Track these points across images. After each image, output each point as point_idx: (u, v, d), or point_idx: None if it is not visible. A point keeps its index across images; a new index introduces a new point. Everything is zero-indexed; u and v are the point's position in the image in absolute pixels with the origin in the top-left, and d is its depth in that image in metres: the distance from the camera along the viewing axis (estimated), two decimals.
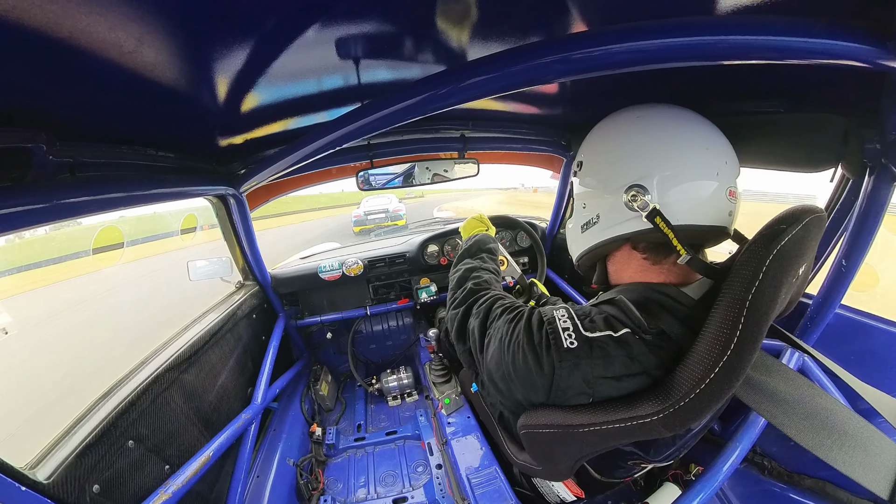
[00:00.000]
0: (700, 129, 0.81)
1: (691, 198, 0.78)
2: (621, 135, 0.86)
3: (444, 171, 1.92)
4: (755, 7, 0.67)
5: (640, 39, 0.61)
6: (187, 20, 0.58)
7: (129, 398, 1.07)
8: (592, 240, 0.91)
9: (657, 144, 0.80)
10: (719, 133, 0.82)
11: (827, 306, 1.08)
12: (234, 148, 1.40)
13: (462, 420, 1.74)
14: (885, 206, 0.85)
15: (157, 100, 0.83)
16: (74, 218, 0.85)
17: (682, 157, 0.78)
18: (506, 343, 0.84)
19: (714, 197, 0.78)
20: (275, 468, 1.64)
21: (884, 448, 0.66)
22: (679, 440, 0.90)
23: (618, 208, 0.82)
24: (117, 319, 7.65)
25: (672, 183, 0.77)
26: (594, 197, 0.89)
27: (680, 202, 0.77)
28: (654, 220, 0.77)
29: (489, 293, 1.05)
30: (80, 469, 0.89)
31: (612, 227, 0.85)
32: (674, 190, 0.77)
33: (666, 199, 0.77)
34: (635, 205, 0.78)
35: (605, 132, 0.90)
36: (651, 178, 0.78)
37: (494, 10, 0.73)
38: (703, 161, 0.78)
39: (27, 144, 0.71)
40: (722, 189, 0.78)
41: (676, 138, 0.79)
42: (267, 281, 2.08)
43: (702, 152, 0.78)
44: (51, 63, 0.59)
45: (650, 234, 0.79)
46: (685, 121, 0.81)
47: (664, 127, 0.81)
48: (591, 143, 0.93)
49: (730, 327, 0.61)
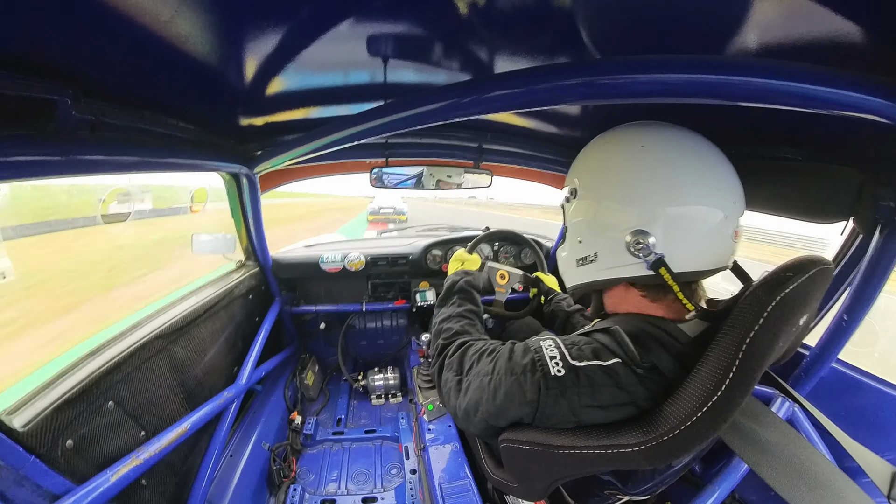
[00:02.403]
0: (710, 165, 0.76)
1: (696, 244, 0.75)
2: (625, 169, 0.79)
3: (456, 178, 1.94)
4: (782, 51, 0.68)
5: (666, 72, 0.61)
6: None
7: (116, 360, 1.08)
8: (588, 277, 0.87)
9: (665, 185, 0.74)
10: (729, 166, 0.78)
11: (823, 359, 1.07)
12: (254, 129, 1.42)
13: (443, 428, 1.72)
14: (892, 264, 0.84)
15: (185, 72, 0.85)
16: (87, 174, 0.86)
17: (691, 199, 0.74)
18: (487, 381, 0.84)
19: (719, 241, 0.76)
20: (249, 450, 1.64)
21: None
22: (658, 475, 0.89)
23: (618, 251, 0.78)
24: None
25: (678, 228, 0.74)
26: (592, 234, 0.84)
27: (684, 248, 0.74)
28: (657, 270, 0.74)
29: (459, 341, 1.03)
30: (56, 422, 0.89)
31: (610, 269, 0.82)
32: (679, 235, 0.74)
33: (670, 245, 0.74)
34: (638, 252, 0.74)
35: (605, 161, 0.84)
36: (656, 222, 0.74)
37: (526, 28, 0.74)
38: (713, 203, 0.75)
39: (53, 97, 0.72)
40: (728, 231, 0.76)
41: (686, 177, 0.74)
42: (268, 264, 2.08)
43: (713, 193, 0.75)
44: (87, 21, 0.60)
45: (651, 279, 0.77)
46: (695, 154, 0.77)
47: (672, 163, 0.75)
48: (588, 171, 0.87)
49: (723, 368, 0.61)
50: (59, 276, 7.69)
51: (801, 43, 0.66)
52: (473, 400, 0.86)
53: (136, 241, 11.03)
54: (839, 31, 0.61)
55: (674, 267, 0.74)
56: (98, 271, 8.34)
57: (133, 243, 10.90)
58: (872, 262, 0.87)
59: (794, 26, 0.63)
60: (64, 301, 6.34)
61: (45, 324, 5.45)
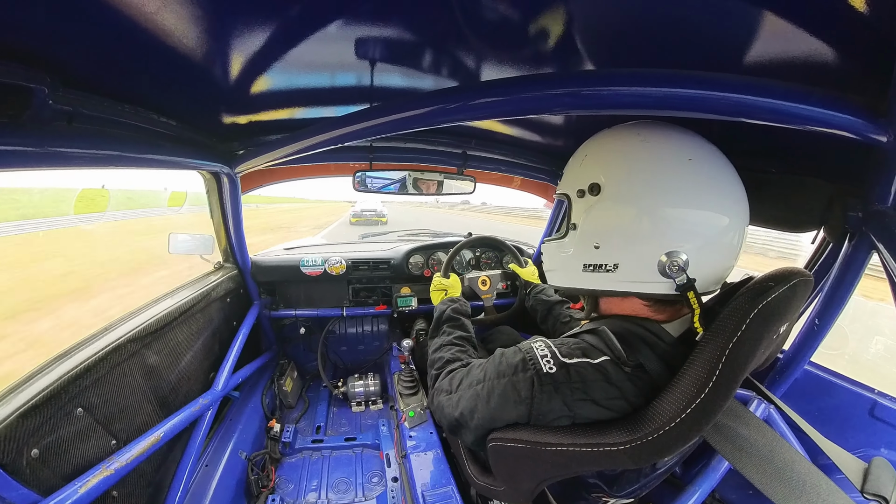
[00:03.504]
0: (739, 185, 0.76)
1: (719, 265, 0.76)
2: (671, 179, 0.73)
3: (439, 184, 1.94)
4: (759, 68, 0.71)
5: (647, 85, 0.63)
6: None
7: (86, 364, 1.03)
8: (596, 285, 0.83)
9: (711, 204, 0.72)
10: (743, 189, 0.78)
11: (797, 361, 1.11)
12: (237, 127, 1.39)
13: (424, 435, 1.71)
14: (861, 271, 0.88)
15: (169, 65, 0.83)
16: (63, 168, 0.82)
17: (727, 221, 0.74)
18: (480, 388, 0.86)
19: (731, 260, 0.78)
20: (226, 459, 1.58)
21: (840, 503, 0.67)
22: (644, 478, 0.90)
23: (646, 266, 0.74)
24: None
25: (711, 250, 0.74)
26: (618, 243, 0.78)
27: (710, 270, 0.75)
28: (685, 293, 0.71)
29: (449, 368, 1.06)
30: (21, 429, 0.84)
31: (630, 283, 0.78)
32: (709, 257, 0.74)
33: (699, 266, 0.72)
34: (672, 272, 0.71)
35: (646, 164, 0.75)
36: (693, 241, 0.72)
37: (513, 38, 0.75)
38: (741, 223, 0.76)
39: (30, 84, 0.69)
40: (739, 251, 0.79)
41: (728, 198, 0.73)
42: (247, 266, 2.04)
43: (742, 213, 0.76)
44: (71, 8, 0.58)
45: (669, 296, 0.76)
46: (733, 175, 0.76)
47: (717, 183, 0.73)
48: (624, 172, 0.77)
49: (707, 372, 0.63)
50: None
51: (777, 61, 0.69)
52: (468, 409, 0.87)
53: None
54: (814, 51, 0.64)
55: (697, 287, 0.72)
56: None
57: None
58: (842, 269, 0.91)
59: (772, 45, 0.67)
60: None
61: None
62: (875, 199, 0.78)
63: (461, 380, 0.95)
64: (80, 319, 5.98)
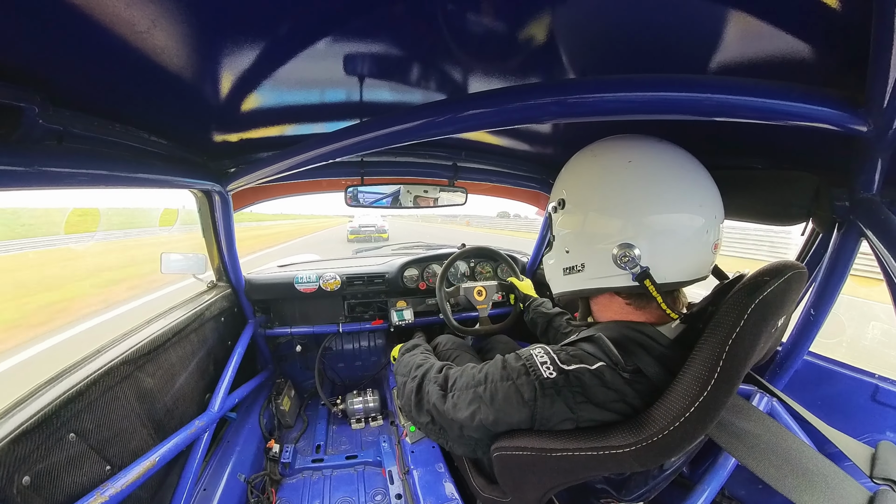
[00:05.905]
0: (693, 180, 0.80)
1: (679, 256, 0.78)
2: (612, 184, 0.81)
3: (431, 196, 1.95)
4: (741, 68, 0.73)
5: (631, 91, 0.65)
6: (204, 11, 0.59)
7: (78, 387, 1.00)
8: (575, 285, 0.90)
9: (651, 200, 0.77)
10: (710, 181, 0.82)
11: (795, 353, 1.12)
12: (228, 145, 1.39)
13: (427, 449, 1.68)
14: (851, 259, 0.89)
15: (160, 84, 0.83)
16: (53, 188, 0.82)
17: (676, 214, 0.78)
18: (482, 390, 0.85)
19: (700, 253, 0.80)
20: (224, 482, 1.54)
21: (850, 490, 0.67)
22: (652, 480, 0.89)
23: (605, 263, 0.81)
24: None
25: (662, 241, 0.77)
26: (579, 245, 0.87)
27: (668, 260, 0.78)
28: (642, 282, 0.77)
29: (438, 365, 1.07)
30: (11, 456, 0.81)
31: (597, 279, 0.85)
32: (663, 248, 0.77)
33: (655, 258, 0.77)
34: (625, 264, 0.77)
35: (593, 175, 0.86)
36: (641, 235, 0.77)
37: (499, 50, 0.77)
38: (696, 217, 0.78)
39: (20, 104, 0.69)
40: (709, 244, 0.80)
41: (671, 193, 0.78)
42: (241, 284, 2.02)
43: (696, 209, 0.78)
44: (61, 28, 0.58)
45: (635, 288, 0.80)
46: (680, 170, 0.80)
47: (659, 179, 0.78)
48: (576, 184, 0.89)
49: (708, 369, 0.63)
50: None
51: (758, 60, 0.71)
52: (469, 412, 0.86)
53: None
54: (792, 49, 0.66)
55: (657, 278, 0.77)
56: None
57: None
58: (833, 258, 0.92)
59: (751, 46, 0.69)
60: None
61: None
62: (860, 187, 0.79)
63: (455, 379, 0.94)
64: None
